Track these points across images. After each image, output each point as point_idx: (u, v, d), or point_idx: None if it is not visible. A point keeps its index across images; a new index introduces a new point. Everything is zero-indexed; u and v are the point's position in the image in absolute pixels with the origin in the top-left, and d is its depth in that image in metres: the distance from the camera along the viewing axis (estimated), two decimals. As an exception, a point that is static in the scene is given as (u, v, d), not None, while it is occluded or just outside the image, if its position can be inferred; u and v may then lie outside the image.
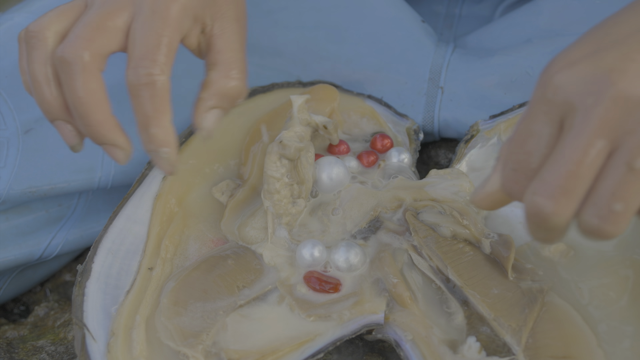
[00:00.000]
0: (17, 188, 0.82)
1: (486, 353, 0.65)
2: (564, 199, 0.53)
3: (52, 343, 0.80)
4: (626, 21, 0.57)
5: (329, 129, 0.76)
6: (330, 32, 0.90)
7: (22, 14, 0.87)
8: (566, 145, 0.53)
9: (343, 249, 0.70)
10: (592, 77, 0.53)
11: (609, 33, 0.56)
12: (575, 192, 0.53)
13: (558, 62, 0.56)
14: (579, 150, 0.53)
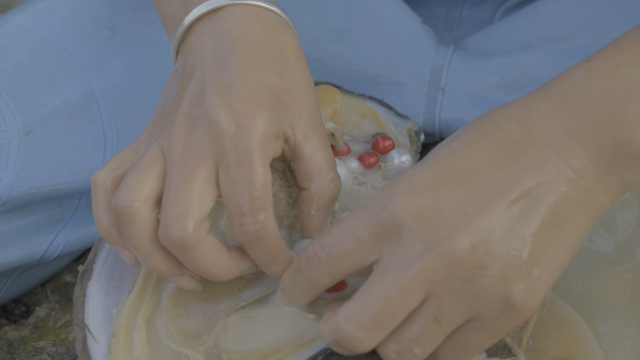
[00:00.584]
0: (17, 189, 0.82)
1: (487, 354, 0.65)
2: (374, 332, 0.55)
3: (53, 344, 0.81)
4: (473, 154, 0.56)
5: (337, 136, 0.76)
6: (331, 33, 0.90)
7: (23, 16, 0.87)
8: (388, 280, 0.55)
9: None
10: (427, 224, 0.54)
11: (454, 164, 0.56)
12: (385, 328, 0.56)
13: (401, 184, 0.56)
14: (397, 290, 0.55)
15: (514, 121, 0.56)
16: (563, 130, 0.56)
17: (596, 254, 0.70)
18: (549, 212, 0.55)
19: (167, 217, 0.59)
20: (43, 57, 0.86)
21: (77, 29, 0.87)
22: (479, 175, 0.55)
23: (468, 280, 0.54)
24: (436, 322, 0.56)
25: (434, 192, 0.55)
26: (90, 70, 0.87)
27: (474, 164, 0.56)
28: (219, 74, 0.62)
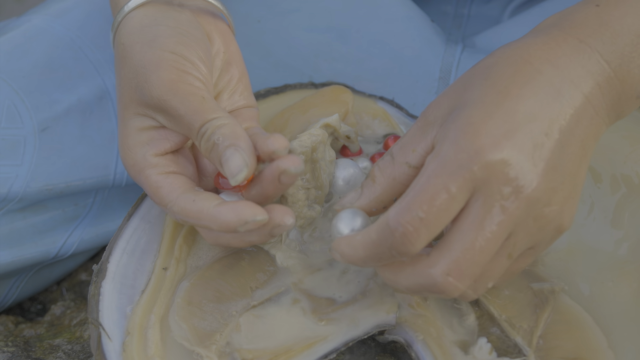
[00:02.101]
0: (33, 186, 0.83)
1: (497, 354, 0.65)
2: (469, 280, 0.59)
3: (68, 342, 0.81)
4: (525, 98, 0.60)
5: (352, 138, 0.77)
6: (342, 33, 0.90)
7: (40, 16, 0.88)
8: (481, 229, 0.58)
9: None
10: (512, 171, 0.58)
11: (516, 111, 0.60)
12: (475, 276, 0.60)
13: (480, 136, 0.59)
14: (492, 241, 0.58)
15: (548, 65, 0.61)
16: (586, 72, 0.61)
17: (607, 254, 0.70)
18: (580, 146, 0.61)
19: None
20: (59, 56, 0.86)
21: (92, 29, 0.88)
22: (536, 120, 0.59)
23: (538, 217, 0.60)
24: (509, 257, 0.61)
25: (510, 140, 0.58)
26: (105, 69, 0.87)
27: (529, 108, 0.60)
28: None
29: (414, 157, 0.62)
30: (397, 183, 0.63)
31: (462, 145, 0.58)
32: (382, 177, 0.63)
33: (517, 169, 0.58)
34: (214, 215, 0.63)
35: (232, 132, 0.64)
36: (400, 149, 0.63)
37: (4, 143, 0.82)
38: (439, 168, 0.58)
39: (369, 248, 0.60)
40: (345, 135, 0.76)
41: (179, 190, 0.66)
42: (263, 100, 0.83)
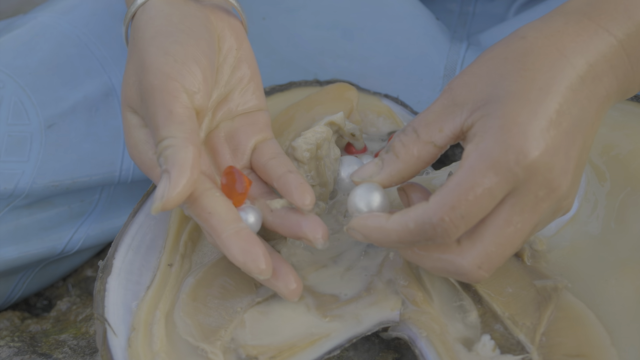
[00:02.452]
0: (40, 182, 0.83)
1: (500, 351, 0.65)
2: (494, 271, 0.63)
3: (74, 337, 0.81)
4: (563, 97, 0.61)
5: (357, 136, 0.77)
6: (347, 30, 0.91)
7: (46, 13, 0.88)
8: (514, 227, 0.60)
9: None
10: (549, 174, 0.59)
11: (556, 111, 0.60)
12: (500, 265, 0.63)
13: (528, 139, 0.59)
14: (522, 238, 0.61)
15: (582, 59, 0.62)
16: (610, 68, 0.63)
17: (610, 252, 0.70)
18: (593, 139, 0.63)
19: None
20: (65, 53, 0.87)
21: (98, 25, 0.88)
22: (572, 120, 0.61)
23: (557, 210, 0.63)
24: (523, 243, 0.63)
25: (553, 145, 0.60)
26: (111, 66, 0.87)
27: (567, 108, 0.61)
28: None
29: (441, 137, 0.62)
30: (420, 161, 0.63)
31: (508, 143, 0.59)
32: (405, 153, 0.63)
33: (555, 173, 0.60)
34: (223, 244, 0.64)
35: (173, 156, 0.63)
36: (426, 127, 0.63)
37: (10, 139, 0.83)
38: (483, 165, 0.59)
39: (404, 236, 0.61)
40: (350, 133, 0.77)
41: (195, 191, 0.66)
42: (268, 97, 0.83)
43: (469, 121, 0.61)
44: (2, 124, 0.83)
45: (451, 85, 0.63)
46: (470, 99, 0.61)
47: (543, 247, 0.72)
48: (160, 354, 0.65)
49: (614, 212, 0.72)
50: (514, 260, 0.71)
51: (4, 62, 0.85)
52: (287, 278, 0.66)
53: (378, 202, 0.64)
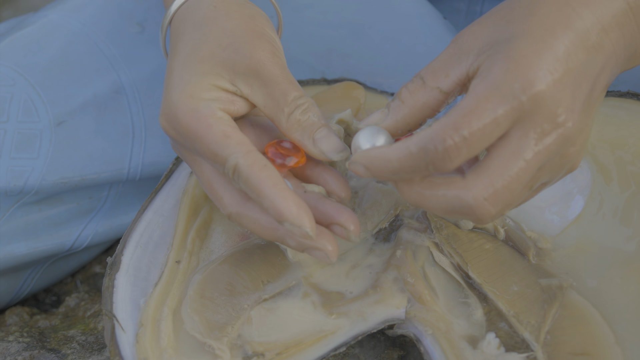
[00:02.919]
0: (49, 179, 0.84)
1: (505, 349, 0.65)
2: (500, 207, 0.60)
3: (82, 333, 0.82)
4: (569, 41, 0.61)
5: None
6: (354, 29, 0.91)
7: (56, 12, 0.89)
8: (519, 159, 0.59)
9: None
10: (555, 106, 0.59)
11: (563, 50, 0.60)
12: (506, 203, 0.61)
13: (532, 68, 0.59)
14: (529, 171, 0.60)
15: (586, 10, 0.62)
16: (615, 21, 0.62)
17: (615, 251, 0.71)
18: (601, 92, 0.63)
19: None
20: (75, 51, 0.87)
21: (108, 24, 0.88)
22: (576, 63, 0.61)
23: (564, 155, 0.62)
24: (529, 189, 0.62)
25: (559, 78, 0.60)
26: (120, 64, 0.88)
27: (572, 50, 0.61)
28: None
29: (447, 82, 0.62)
30: (426, 107, 0.63)
31: (514, 73, 0.59)
32: (411, 99, 0.63)
33: (562, 106, 0.59)
34: (275, 195, 0.62)
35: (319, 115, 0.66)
36: (432, 74, 0.63)
37: (20, 137, 0.83)
38: (488, 91, 0.59)
39: (406, 160, 0.60)
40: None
41: (249, 146, 0.64)
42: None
43: (475, 64, 0.61)
44: (12, 122, 0.83)
45: (458, 36, 0.63)
46: (476, 45, 0.62)
47: (548, 245, 0.72)
48: (167, 350, 0.65)
49: (620, 211, 0.72)
50: (520, 259, 0.71)
51: (14, 60, 0.85)
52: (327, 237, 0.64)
53: (382, 142, 0.63)
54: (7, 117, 0.83)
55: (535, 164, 0.60)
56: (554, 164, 0.62)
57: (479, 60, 0.61)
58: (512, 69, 0.59)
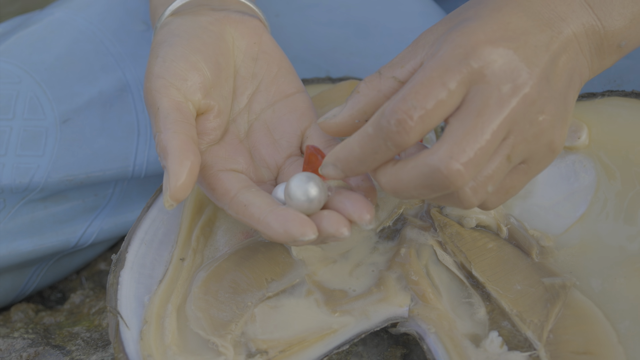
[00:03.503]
0: (54, 176, 0.84)
1: (508, 348, 0.66)
2: (473, 168, 0.59)
3: (87, 329, 0.82)
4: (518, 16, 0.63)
5: None
6: (359, 28, 0.91)
7: (62, 10, 0.89)
8: (482, 118, 0.59)
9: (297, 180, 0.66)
10: (509, 68, 0.60)
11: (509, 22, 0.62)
12: (480, 164, 0.60)
13: (477, 34, 0.60)
14: (492, 128, 0.59)
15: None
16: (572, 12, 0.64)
17: (619, 251, 0.71)
18: (569, 73, 0.63)
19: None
20: (80, 49, 0.87)
21: (114, 22, 0.89)
22: (529, 34, 0.62)
23: (534, 122, 0.61)
24: (508, 160, 0.61)
25: (506, 42, 0.61)
26: (126, 62, 0.88)
27: (522, 24, 0.62)
28: None
29: (402, 72, 0.63)
30: (382, 95, 0.64)
31: (458, 42, 0.60)
32: (367, 88, 0.64)
33: (514, 66, 0.60)
34: (264, 226, 0.63)
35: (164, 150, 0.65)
36: (389, 66, 0.64)
37: (26, 134, 0.83)
38: (435, 64, 0.60)
39: (365, 143, 0.60)
40: None
41: (231, 192, 0.67)
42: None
43: (429, 53, 0.62)
44: (18, 119, 0.84)
45: (417, 37, 0.65)
46: (431, 38, 0.63)
47: (550, 243, 0.72)
48: (171, 347, 0.65)
49: (623, 211, 0.72)
50: (523, 258, 0.71)
51: (20, 58, 0.86)
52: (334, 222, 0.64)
53: (314, 188, 0.64)
54: (13, 114, 0.84)
55: (497, 122, 0.59)
56: (524, 131, 0.61)
57: (432, 48, 0.62)
58: (456, 38, 0.60)
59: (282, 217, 0.62)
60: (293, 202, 0.64)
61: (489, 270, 0.70)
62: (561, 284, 0.69)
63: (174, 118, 0.66)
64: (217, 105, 0.69)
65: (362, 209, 0.64)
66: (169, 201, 0.63)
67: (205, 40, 0.71)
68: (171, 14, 0.73)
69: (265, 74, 0.74)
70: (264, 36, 0.75)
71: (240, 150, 0.71)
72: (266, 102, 0.73)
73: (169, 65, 0.68)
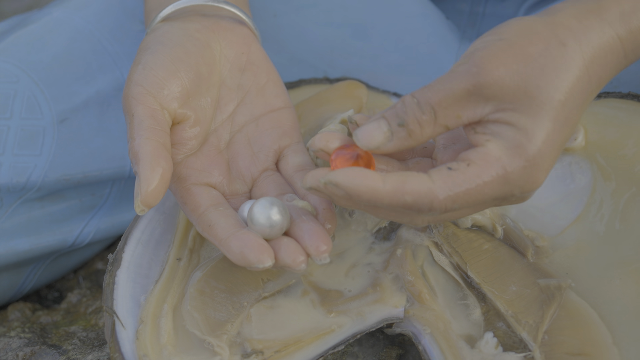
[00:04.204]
0: (52, 176, 0.84)
1: (503, 348, 0.66)
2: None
3: (83, 329, 0.82)
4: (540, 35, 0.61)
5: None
6: (357, 29, 0.91)
7: (60, 9, 0.89)
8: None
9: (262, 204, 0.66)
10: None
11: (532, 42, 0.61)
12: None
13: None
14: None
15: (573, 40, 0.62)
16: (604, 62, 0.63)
17: (615, 252, 0.71)
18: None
19: None
20: (78, 48, 0.87)
21: (111, 22, 0.89)
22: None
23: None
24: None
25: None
26: (123, 62, 0.88)
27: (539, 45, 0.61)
28: None
29: (456, 123, 0.61)
30: (428, 139, 0.62)
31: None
32: (419, 134, 0.61)
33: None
34: (224, 248, 0.64)
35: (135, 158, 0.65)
36: (445, 109, 0.61)
37: (23, 133, 0.83)
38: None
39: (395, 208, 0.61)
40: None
41: (200, 208, 0.67)
42: (278, 94, 0.84)
43: (491, 117, 0.60)
44: (16, 118, 0.84)
45: (479, 70, 0.60)
46: (498, 96, 0.60)
47: (545, 243, 0.72)
48: (167, 347, 0.65)
49: (619, 212, 0.72)
50: (519, 259, 0.71)
51: (18, 57, 0.86)
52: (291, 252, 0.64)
53: (277, 214, 0.65)
54: (11, 113, 0.84)
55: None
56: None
57: (496, 115, 0.60)
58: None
59: (241, 241, 0.63)
60: (255, 227, 0.65)
61: (484, 271, 0.70)
62: (556, 285, 0.69)
63: (148, 125, 0.66)
64: (193, 115, 0.70)
65: (318, 241, 0.64)
66: (140, 206, 0.63)
67: (189, 48, 0.71)
68: (161, 20, 0.74)
69: (251, 85, 0.74)
70: (253, 46, 0.75)
71: (217, 162, 0.71)
72: (250, 115, 0.73)
73: (147, 73, 0.68)
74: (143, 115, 0.66)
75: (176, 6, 0.73)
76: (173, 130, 0.69)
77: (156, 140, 0.65)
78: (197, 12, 0.74)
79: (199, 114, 0.70)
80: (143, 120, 0.66)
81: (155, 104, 0.67)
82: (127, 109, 0.67)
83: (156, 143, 0.65)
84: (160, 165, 0.64)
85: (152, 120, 0.66)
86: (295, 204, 0.68)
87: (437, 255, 0.72)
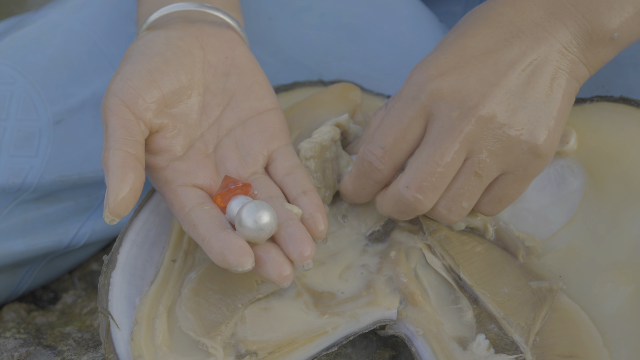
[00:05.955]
0: (47, 177, 0.84)
1: (494, 350, 0.66)
2: (430, 193, 0.67)
3: (78, 330, 0.82)
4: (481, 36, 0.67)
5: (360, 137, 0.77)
6: (352, 32, 0.91)
7: (56, 11, 0.89)
8: (435, 146, 0.66)
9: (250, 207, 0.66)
10: (460, 94, 0.66)
11: (468, 46, 0.67)
12: (439, 188, 0.67)
13: (430, 69, 0.67)
14: (445, 154, 0.66)
15: (509, 7, 0.68)
16: (550, 14, 0.67)
17: (606, 255, 0.71)
18: (549, 77, 0.66)
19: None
20: (74, 50, 0.87)
21: (107, 23, 0.89)
22: (490, 52, 0.67)
23: (499, 136, 0.66)
24: (477, 176, 0.67)
25: (458, 70, 0.66)
26: (119, 64, 0.88)
27: (484, 44, 0.67)
28: None
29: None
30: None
31: (414, 79, 0.67)
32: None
33: (465, 93, 0.65)
34: (207, 248, 0.65)
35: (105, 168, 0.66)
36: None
37: (19, 135, 0.83)
38: (396, 103, 0.67)
39: (354, 182, 0.71)
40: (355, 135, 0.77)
41: (186, 208, 0.68)
42: (272, 97, 0.84)
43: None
44: (12, 120, 0.84)
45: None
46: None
47: (535, 243, 0.72)
48: (162, 348, 0.65)
49: (611, 215, 0.72)
50: (511, 261, 0.72)
51: (14, 59, 0.86)
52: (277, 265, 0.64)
53: (267, 217, 0.65)
54: (7, 115, 0.84)
55: (451, 146, 0.65)
56: (491, 147, 0.66)
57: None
58: (414, 78, 0.68)
59: (223, 242, 0.64)
60: (242, 230, 0.65)
61: (476, 274, 0.70)
62: (548, 287, 0.69)
63: (119, 136, 0.67)
64: (171, 123, 0.70)
65: (301, 246, 0.65)
66: (109, 217, 0.64)
67: (168, 57, 0.72)
68: (147, 28, 0.75)
69: (236, 89, 0.75)
70: (237, 49, 0.75)
71: (203, 165, 0.71)
72: (237, 119, 0.74)
73: (124, 84, 0.70)
74: (116, 126, 0.68)
75: (161, 12, 0.75)
76: (153, 139, 0.70)
77: (126, 151, 0.66)
78: (184, 17, 0.75)
79: (179, 121, 0.71)
80: (115, 131, 0.68)
81: (129, 115, 0.69)
82: (103, 119, 0.69)
83: (125, 154, 0.66)
84: (128, 175, 0.65)
85: (124, 130, 0.68)
86: (287, 207, 0.68)
87: (430, 258, 0.72)
